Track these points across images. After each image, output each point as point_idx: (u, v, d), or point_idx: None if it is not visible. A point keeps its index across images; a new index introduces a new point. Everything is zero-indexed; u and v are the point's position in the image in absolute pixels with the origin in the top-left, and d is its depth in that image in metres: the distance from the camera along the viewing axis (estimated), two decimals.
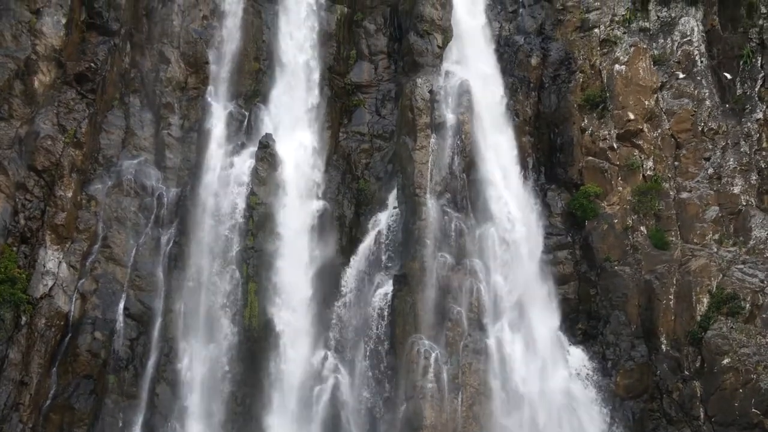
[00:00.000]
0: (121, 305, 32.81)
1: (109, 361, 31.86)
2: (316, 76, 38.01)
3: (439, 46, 36.93)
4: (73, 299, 32.31)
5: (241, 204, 34.01)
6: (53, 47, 34.05)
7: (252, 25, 38.56)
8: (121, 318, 32.55)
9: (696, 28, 38.93)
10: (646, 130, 37.31)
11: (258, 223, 33.59)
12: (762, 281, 33.24)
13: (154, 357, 32.25)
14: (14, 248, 31.39)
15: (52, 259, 32.14)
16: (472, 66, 37.92)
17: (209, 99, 37.04)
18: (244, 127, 36.93)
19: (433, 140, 34.56)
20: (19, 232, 31.68)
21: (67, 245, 32.73)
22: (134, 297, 33.02)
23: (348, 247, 34.67)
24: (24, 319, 30.91)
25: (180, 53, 37.44)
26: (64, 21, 34.47)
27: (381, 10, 39.25)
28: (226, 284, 32.98)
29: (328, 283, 33.84)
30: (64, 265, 32.36)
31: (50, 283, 31.89)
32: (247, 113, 37.21)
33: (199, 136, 36.32)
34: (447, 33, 37.54)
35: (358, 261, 33.86)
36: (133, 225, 34.12)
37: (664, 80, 38.36)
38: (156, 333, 32.58)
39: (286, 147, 35.53)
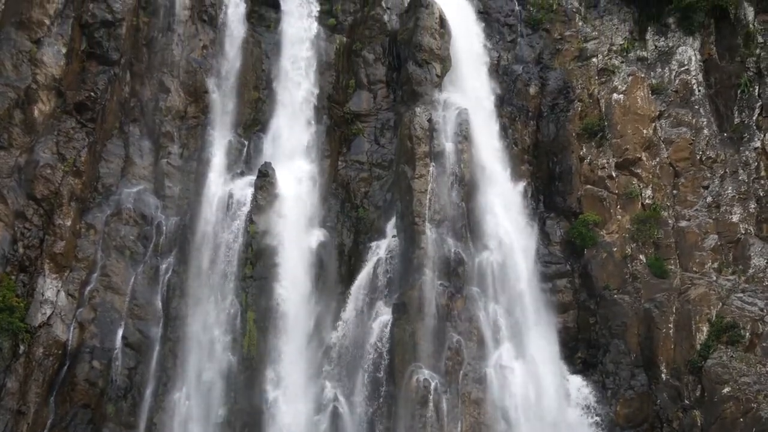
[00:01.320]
0: (120, 334, 32.68)
1: (107, 390, 31.67)
2: (315, 105, 38.17)
3: (437, 75, 37.09)
4: (72, 328, 32.18)
5: (241, 233, 33.99)
6: (53, 76, 34.17)
7: (252, 55, 38.76)
8: (119, 347, 32.42)
9: (693, 58, 39.15)
10: (644, 158, 37.41)
11: (257, 251, 33.56)
12: (761, 310, 33.19)
13: (152, 386, 32.09)
14: (13, 277, 31.34)
15: (50, 287, 32.06)
16: (470, 95, 38.09)
17: (209, 128, 37.12)
18: (244, 155, 37.04)
19: (432, 169, 34.60)
20: (17, 261, 31.64)
21: (66, 274, 32.67)
22: (133, 326, 32.91)
23: (347, 275, 34.63)
24: (22, 348, 30.79)
25: (180, 82, 37.56)
26: (64, 50, 34.62)
27: (380, 40, 39.40)
28: (224, 313, 32.89)
29: (327, 312, 33.80)
30: (62, 294, 32.29)
31: (48, 312, 31.79)
32: (246, 142, 37.34)
33: (198, 164, 36.37)
34: (445, 62, 37.74)
35: (357, 289, 33.77)
36: (132, 254, 34.08)
37: (662, 109, 38.52)
38: (154, 362, 32.45)
39: (285, 176, 35.56)
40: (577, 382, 33.53)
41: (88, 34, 35.67)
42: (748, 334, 32.56)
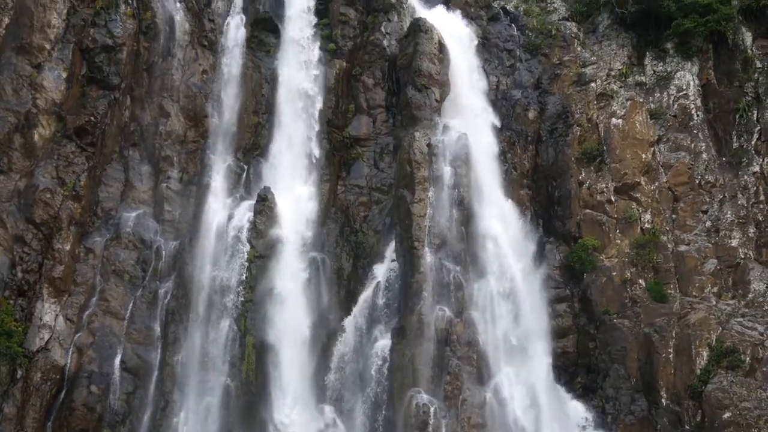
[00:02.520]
0: (118, 359, 32.60)
1: (105, 416, 31.56)
2: (314, 129, 38.24)
3: (437, 100, 37.19)
4: (70, 353, 32.11)
5: (240, 257, 34.00)
6: (53, 101, 34.30)
7: (251, 80, 38.91)
8: (117, 372, 32.34)
9: (692, 82, 39.26)
10: (643, 183, 37.42)
11: (256, 276, 33.56)
12: (761, 334, 33.07)
13: (150, 411, 31.99)
14: (11, 301, 31.33)
15: (49, 312, 32.03)
16: (469, 119, 38.17)
17: (208, 152, 37.27)
18: (243, 180, 37.14)
19: (431, 193, 34.63)
20: (16, 285, 31.62)
21: (65, 298, 32.65)
22: (131, 350, 32.85)
23: (346, 299, 34.56)
24: (20, 372, 30.74)
25: (180, 107, 37.70)
26: (64, 75, 34.78)
27: (379, 65, 39.54)
28: (223, 337, 32.84)
29: (326, 336, 33.72)
30: (61, 318, 32.24)
31: (47, 337, 31.74)
32: (246, 166, 37.44)
33: (198, 189, 36.46)
34: (445, 87, 37.87)
35: (356, 314, 33.70)
36: (131, 278, 34.07)
37: (661, 134, 38.58)
38: (152, 387, 32.38)
39: (284, 200, 35.63)
40: (576, 407, 33.34)
41: (89, 59, 35.84)
42: (748, 358, 32.40)
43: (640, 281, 35.58)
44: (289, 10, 40.69)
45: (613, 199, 37.08)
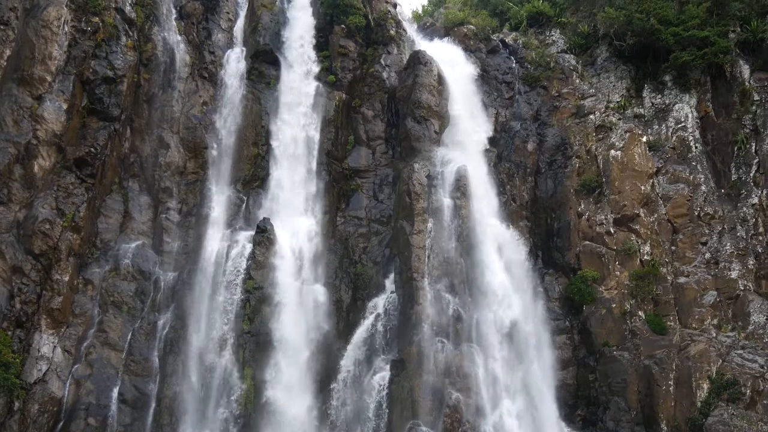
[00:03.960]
0: (116, 391, 32.38)
1: None
2: (314, 161, 38.28)
3: (436, 132, 37.36)
4: (67, 384, 31.92)
5: (238, 288, 33.93)
6: (54, 132, 34.32)
7: (251, 111, 39.00)
8: (115, 404, 32.11)
9: (690, 115, 39.43)
10: (642, 214, 37.46)
11: (255, 307, 33.49)
12: (762, 367, 32.98)
13: None
14: (9, 332, 31.16)
15: (46, 343, 31.89)
16: (469, 151, 38.32)
17: (208, 183, 37.29)
18: (243, 211, 37.11)
19: (430, 225, 34.68)
20: (14, 317, 31.48)
21: (63, 330, 32.53)
22: (129, 382, 32.65)
23: (345, 331, 34.42)
24: (17, 404, 30.54)
25: (179, 138, 37.80)
26: (65, 107, 34.83)
27: (379, 97, 39.70)
28: (222, 369, 32.66)
29: (325, 368, 33.55)
30: (58, 350, 32.10)
31: (44, 368, 31.57)
32: (245, 197, 37.43)
33: (197, 220, 36.43)
34: (444, 119, 38.05)
35: (355, 345, 33.54)
36: (130, 309, 33.94)
37: (660, 165, 38.68)
38: (150, 419, 32.12)
39: (283, 231, 35.64)
40: None
41: (89, 91, 35.92)
42: (748, 391, 32.31)
43: (640, 313, 35.54)
44: (289, 42, 40.95)
45: (612, 230, 37.10)
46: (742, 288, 35.82)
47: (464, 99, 40.20)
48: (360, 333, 33.83)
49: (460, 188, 35.82)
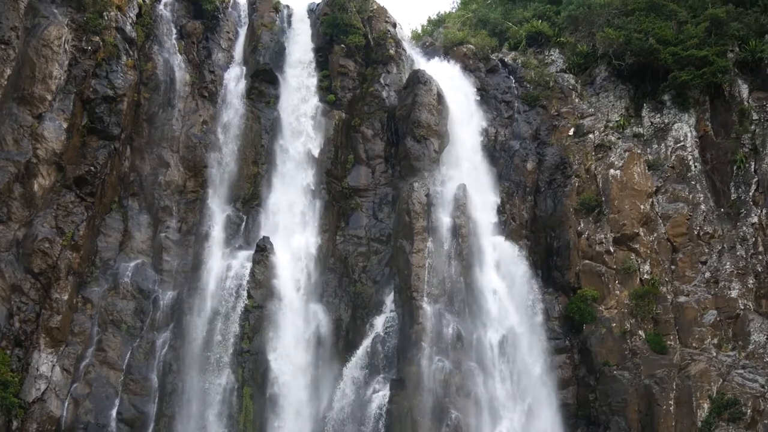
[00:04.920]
0: (115, 410, 32.30)
1: None
2: (314, 179, 38.32)
3: (435, 151, 37.40)
4: (66, 404, 31.82)
5: (238, 307, 33.89)
6: (54, 151, 34.38)
7: (251, 130, 39.05)
8: (113, 423, 32.00)
9: (689, 134, 39.49)
10: (642, 234, 37.45)
11: (254, 326, 33.44)
12: (762, 386, 32.88)
13: None
14: (8, 351, 31.06)
15: (45, 362, 31.81)
16: (468, 170, 38.37)
17: (208, 202, 37.29)
18: (242, 229, 37.11)
19: (430, 244, 34.67)
20: (13, 335, 31.40)
21: (62, 348, 32.45)
22: (128, 401, 32.55)
23: (345, 350, 34.35)
24: (15, 423, 30.42)
25: (179, 157, 37.85)
26: (65, 125, 34.89)
27: (378, 116, 39.76)
28: (221, 388, 32.59)
29: (324, 387, 33.50)
30: (57, 369, 32.02)
31: (43, 387, 31.48)
32: (245, 216, 37.43)
33: (196, 239, 36.42)
34: (443, 138, 38.09)
35: (354, 364, 33.44)
36: (129, 328, 33.88)
37: (659, 184, 38.71)
38: None
39: (283, 250, 35.64)
40: None
41: (90, 109, 35.98)
42: (749, 411, 32.19)
43: (640, 332, 35.48)
44: (289, 61, 41.11)
45: (611, 249, 37.09)
46: (742, 307, 35.77)
47: (464, 118, 40.29)
48: (359, 352, 33.76)
49: (460, 207, 35.83)
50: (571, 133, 40.54)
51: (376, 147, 39.22)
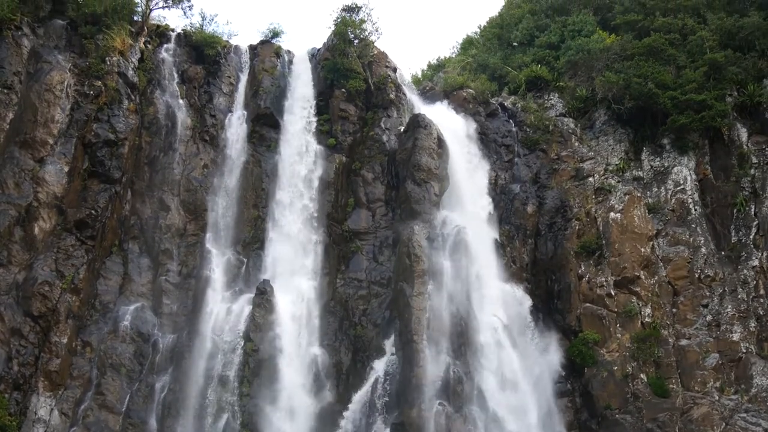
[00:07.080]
0: None
1: None
2: (314, 223, 38.35)
3: (436, 194, 37.41)
4: None
5: (238, 350, 33.74)
6: (55, 194, 34.52)
7: (252, 174, 39.18)
8: None
9: (689, 177, 39.58)
10: (643, 277, 37.40)
11: (254, 369, 33.25)
12: (766, 430, 32.65)
13: None
14: (6, 395, 30.94)
15: (44, 406, 31.63)
16: (468, 213, 38.39)
17: (208, 245, 37.31)
18: (243, 273, 37.07)
19: (430, 286, 34.56)
20: (12, 379, 31.28)
21: (60, 392, 32.27)
22: None
23: (345, 394, 34.13)
24: None
25: (180, 200, 37.94)
26: (66, 169, 35.08)
27: (378, 159, 39.88)
28: None
29: (324, 431, 33.20)
30: (56, 413, 31.81)
31: None
32: (245, 259, 37.42)
33: (196, 282, 36.38)
34: (444, 181, 38.14)
35: (355, 408, 33.20)
36: (128, 371, 33.69)
37: (660, 228, 38.73)
38: None
39: (283, 293, 35.56)
40: None
41: (91, 153, 36.18)
42: None
43: (642, 376, 35.28)
44: (290, 106, 41.39)
45: (612, 292, 37.01)
46: (744, 350, 35.63)
47: (464, 161, 40.40)
48: (360, 395, 33.55)
49: (460, 250, 35.81)
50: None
51: (376, 190, 39.30)
